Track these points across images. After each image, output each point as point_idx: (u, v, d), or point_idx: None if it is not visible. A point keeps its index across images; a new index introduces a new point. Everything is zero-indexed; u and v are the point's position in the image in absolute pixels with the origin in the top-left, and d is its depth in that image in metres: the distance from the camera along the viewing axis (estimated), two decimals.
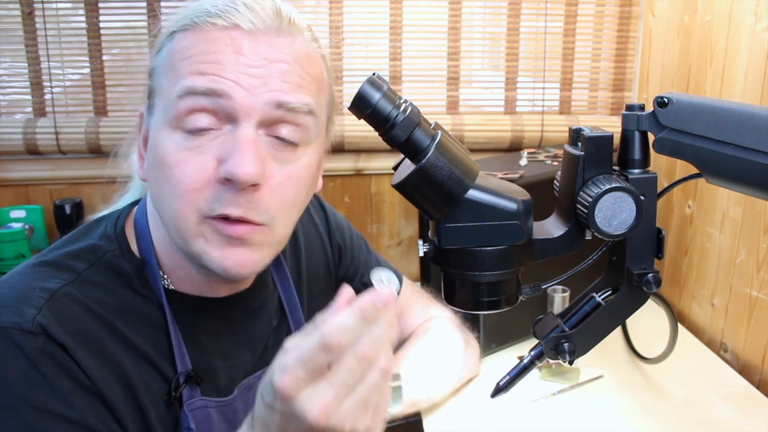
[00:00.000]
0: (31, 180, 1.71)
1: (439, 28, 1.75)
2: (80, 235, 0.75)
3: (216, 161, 0.63)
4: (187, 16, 0.66)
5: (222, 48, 0.63)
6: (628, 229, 0.56)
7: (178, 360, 0.71)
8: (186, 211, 0.64)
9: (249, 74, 0.63)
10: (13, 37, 1.66)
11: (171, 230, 0.67)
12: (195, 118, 0.63)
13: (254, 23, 0.64)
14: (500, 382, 0.65)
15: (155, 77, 0.68)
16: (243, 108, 0.62)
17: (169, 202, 0.65)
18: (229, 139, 0.63)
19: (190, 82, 0.63)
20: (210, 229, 0.65)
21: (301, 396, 0.49)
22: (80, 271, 0.69)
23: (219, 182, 0.63)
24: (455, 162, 0.56)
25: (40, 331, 0.61)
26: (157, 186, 0.66)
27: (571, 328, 0.62)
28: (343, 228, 1.00)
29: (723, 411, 1.11)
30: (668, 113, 0.56)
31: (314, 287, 0.92)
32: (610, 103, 1.83)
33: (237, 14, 0.63)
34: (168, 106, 0.64)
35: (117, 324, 0.68)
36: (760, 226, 1.23)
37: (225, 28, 0.63)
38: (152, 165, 0.67)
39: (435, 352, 1.02)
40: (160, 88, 0.66)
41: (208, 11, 0.64)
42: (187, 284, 0.74)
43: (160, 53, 0.68)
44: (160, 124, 0.66)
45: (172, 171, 0.64)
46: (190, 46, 0.64)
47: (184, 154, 0.63)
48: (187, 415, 0.71)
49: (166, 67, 0.66)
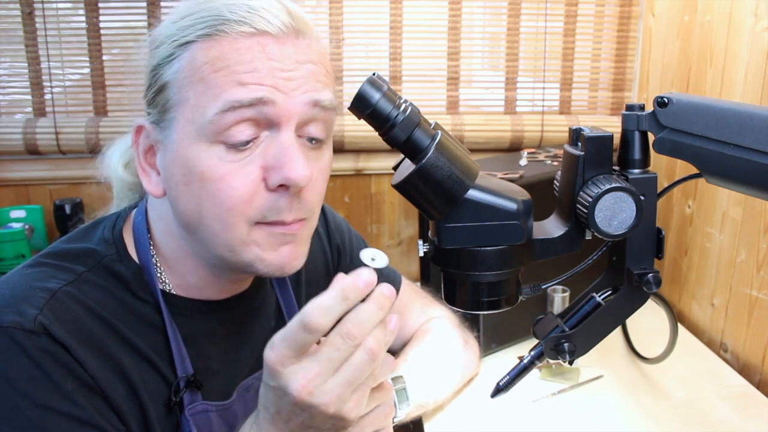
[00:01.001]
0: (31, 180, 1.71)
1: (439, 28, 1.75)
2: (78, 238, 0.74)
3: (261, 169, 0.63)
4: (204, 24, 0.63)
5: (256, 56, 0.62)
6: (628, 229, 0.56)
7: (178, 364, 0.71)
8: (236, 222, 0.64)
9: (285, 78, 0.62)
10: (13, 37, 1.66)
11: (216, 244, 0.66)
12: (239, 131, 0.62)
13: (278, 27, 0.63)
14: (500, 382, 0.65)
15: (174, 90, 0.64)
16: (285, 112, 0.63)
17: (215, 216, 0.64)
18: (273, 146, 0.63)
19: (233, 95, 0.61)
20: (263, 233, 0.66)
21: (286, 370, 0.53)
22: (80, 272, 0.69)
23: (269, 189, 0.64)
24: (455, 162, 0.56)
25: (42, 331, 0.61)
26: (193, 201, 0.65)
27: (571, 328, 0.62)
28: (342, 229, 1.00)
29: (723, 411, 1.11)
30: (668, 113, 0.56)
31: (313, 288, 0.92)
32: (610, 103, 1.83)
33: (261, 20, 0.63)
34: (204, 121, 0.62)
35: (117, 325, 0.68)
36: (760, 226, 1.23)
37: (252, 34, 0.62)
38: (184, 181, 0.65)
39: (436, 354, 1.02)
40: (186, 101, 0.63)
41: (229, 18, 0.63)
42: (188, 287, 0.74)
43: (173, 64, 0.64)
44: (192, 139, 0.63)
45: (218, 186, 0.63)
46: (221, 57, 0.62)
47: (229, 167, 0.63)
48: (188, 420, 0.71)
49: (192, 80, 0.63)
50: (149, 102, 0.67)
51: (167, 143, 0.66)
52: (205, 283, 0.74)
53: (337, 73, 1.74)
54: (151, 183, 0.70)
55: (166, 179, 0.68)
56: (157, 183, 0.69)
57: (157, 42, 0.67)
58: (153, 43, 0.68)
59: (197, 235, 0.67)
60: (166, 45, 0.65)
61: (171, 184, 0.67)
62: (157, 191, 0.69)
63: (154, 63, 0.66)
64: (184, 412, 0.71)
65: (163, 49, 0.66)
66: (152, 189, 0.69)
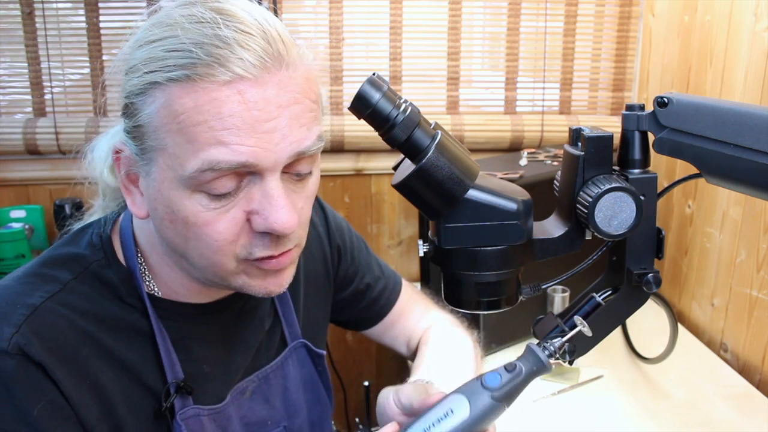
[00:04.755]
0: (31, 180, 1.71)
1: (439, 28, 1.75)
2: (66, 244, 0.73)
3: (245, 213, 0.62)
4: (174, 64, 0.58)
5: (235, 109, 0.57)
6: (628, 229, 0.56)
7: (168, 369, 0.71)
8: (223, 260, 0.64)
9: (266, 130, 0.59)
10: (13, 37, 1.66)
11: (204, 272, 0.66)
12: (220, 184, 0.60)
13: (256, 67, 0.58)
14: None
15: (150, 132, 0.61)
16: (269, 166, 0.60)
17: (200, 255, 0.64)
18: (257, 192, 0.61)
19: (212, 156, 0.58)
20: (251, 267, 0.65)
21: None
22: (65, 281, 0.68)
23: (255, 231, 0.63)
24: (455, 162, 0.55)
25: (17, 352, 0.60)
26: (179, 238, 0.64)
27: (571, 328, 0.62)
28: (342, 228, 0.99)
29: (723, 411, 1.11)
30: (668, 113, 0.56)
31: (312, 287, 0.92)
32: (610, 103, 1.83)
33: (236, 61, 0.57)
34: (184, 173, 0.60)
35: (101, 337, 0.67)
36: (760, 226, 1.23)
37: (228, 82, 0.57)
38: (169, 219, 0.63)
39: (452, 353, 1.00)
40: (165, 148, 0.60)
41: (201, 59, 0.57)
42: (176, 291, 0.73)
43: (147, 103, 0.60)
44: (173, 184, 0.61)
45: (203, 230, 0.62)
46: (197, 108, 0.57)
47: (212, 213, 0.61)
48: (180, 425, 0.70)
49: (170, 128, 0.59)
50: (127, 131, 0.64)
51: (149, 177, 0.64)
52: (193, 290, 0.74)
53: (337, 73, 1.74)
54: (135, 204, 0.67)
55: (150, 208, 0.66)
56: (140, 204, 0.67)
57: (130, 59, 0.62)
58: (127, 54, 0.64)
59: (185, 260, 0.67)
60: (137, 74, 0.61)
61: (155, 216, 0.65)
62: (140, 213, 0.67)
63: (127, 89, 0.62)
64: (175, 417, 0.71)
65: (135, 77, 0.61)
66: (136, 210, 0.67)
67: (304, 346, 0.87)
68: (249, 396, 0.80)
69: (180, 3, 0.62)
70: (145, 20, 0.65)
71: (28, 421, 0.60)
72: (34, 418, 0.60)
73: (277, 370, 0.83)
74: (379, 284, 1.00)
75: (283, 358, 0.84)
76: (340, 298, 0.98)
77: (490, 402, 0.61)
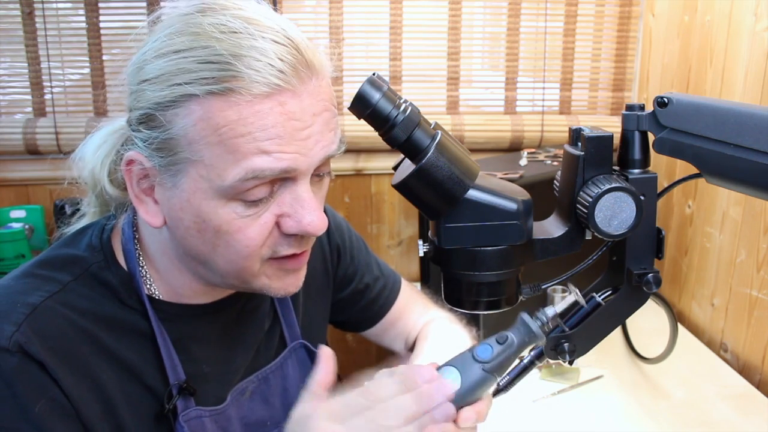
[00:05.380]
0: (31, 180, 1.71)
1: (439, 28, 1.75)
2: (65, 245, 0.73)
3: (275, 216, 0.64)
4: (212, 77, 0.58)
5: (277, 119, 0.59)
6: (628, 229, 0.56)
7: (169, 371, 0.71)
8: (251, 264, 0.66)
9: (304, 138, 0.61)
10: (13, 37, 1.66)
11: (226, 277, 0.68)
12: (258, 191, 0.62)
13: (292, 77, 0.60)
14: (500, 382, 0.65)
15: (184, 145, 0.60)
16: (303, 171, 0.63)
17: (228, 260, 0.65)
18: (288, 195, 0.64)
19: (257, 164, 0.59)
20: (273, 267, 0.67)
21: None
22: (65, 282, 0.68)
23: (282, 233, 0.65)
24: (455, 162, 0.55)
25: (17, 350, 0.61)
26: (206, 246, 0.65)
27: (571, 328, 0.62)
28: (342, 228, 0.99)
29: (723, 411, 1.11)
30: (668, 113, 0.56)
31: (311, 287, 0.92)
32: (610, 103, 1.83)
33: (277, 74, 0.59)
34: (223, 183, 0.60)
35: (101, 336, 0.67)
36: (760, 226, 1.23)
37: (270, 94, 0.58)
38: (197, 228, 0.64)
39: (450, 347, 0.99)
40: (201, 160, 0.60)
41: (240, 72, 0.57)
42: (179, 293, 0.73)
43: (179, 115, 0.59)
44: (207, 195, 0.62)
45: (235, 237, 0.63)
46: (240, 121, 0.58)
47: (245, 221, 0.63)
48: (182, 427, 0.70)
49: (209, 141, 0.59)
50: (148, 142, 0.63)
51: (173, 188, 0.63)
52: (198, 291, 0.74)
53: (337, 73, 1.74)
54: (148, 213, 0.67)
55: (170, 218, 0.66)
56: (155, 213, 0.66)
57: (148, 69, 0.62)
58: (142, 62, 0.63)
59: (206, 267, 0.68)
60: (163, 85, 0.60)
61: (178, 225, 0.65)
62: (155, 222, 0.67)
63: (151, 100, 0.61)
64: (178, 419, 0.71)
65: (160, 89, 0.60)
66: (150, 219, 0.67)
67: (304, 347, 0.87)
68: (249, 396, 0.80)
69: (197, 9, 0.62)
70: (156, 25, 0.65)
71: (29, 418, 0.60)
72: (35, 416, 0.60)
73: (277, 370, 0.83)
74: (379, 284, 1.00)
75: (282, 359, 0.84)
76: (340, 297, 0.98)
77: (482, 374, 0.61)
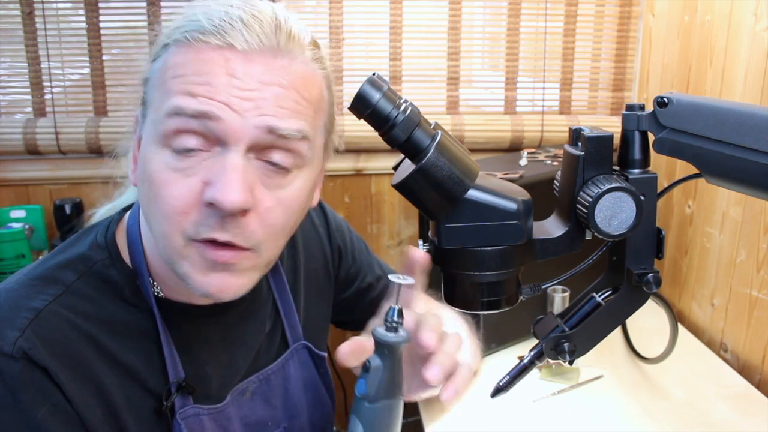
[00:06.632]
0: (31, 180, 1.71)
1: (439, 28, 1.75)
2: (71, 244, 0.73)
3: (203, 184, 0.61)
4: (181, 30, 0.63)
5: (215, 69, 0.60)
6: (628, 229, 0.56)
7: (170, 369, 0.71)
8: (173, 232, 0.63)
9: (241, 97, 0.60)
10: (13, 37, 1.66)
11: (159, 248, 0.66)
12: (183, 139, 0.61)
13: (250, 43, 0.60)
14: (500, 382, 0.65)
15: (148, 88, 0.66)
16: (233, 131, 0.60)
17: (156, 220, 0.64)
18: (217, 163, 0.61)
19: (179, 101, 0.60)
20: (195, 252, 0.63)
21: None
22: (69, 283, 0.68)
23: (205, 206, 0.61)
24: (455, 162, 0.56)
25: (21, 356, 0.61)
26: (146, 201, 0.65)
27: (571, 328, 0.62)
28: (343, 229, 1.00)
29: (723, 411, 1.11)
30: (668, 113, 0.56)
31: (312, 288, 0.92)
32: (610, 103, 1.83)
33: (233, 32, 0.60)
34: (157, 122, 0.62)
35: (104, 340, 0.67)
36: (760, 226, 1.23)
37: (219, 47, 0.60)
38: (142, 179, 0.65)
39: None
40: (152, 102, 0.65)
41: (203, 27, 0.61)
42: (178, 292, 0.73)
43: (154, 63, 0.65)
44: (150, 138, 0.64)
45: (160, 191, 0.62)
46: (182, 64, 0.61)
47: (172, 175, 0.61)
48: (179, 424, 0.70)
49: (159, 82, 0.63)
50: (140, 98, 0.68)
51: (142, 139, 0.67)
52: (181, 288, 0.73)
53: (337, 73, 1.74)
54: (133, 174, 0.70)
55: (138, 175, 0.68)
56: (134, 174, 0.70)
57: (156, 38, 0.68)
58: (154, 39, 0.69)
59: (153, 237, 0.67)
60: (157, 44, 0.66)
61: (139, 182, 0.67)
62: (132, 179, 0.70)
63: (148, 60, 0.68)
64: (175, 416, 0.71)
65: (155, 47, 0.67)
66: (132, 180, 0.70)
67: (306, 348, 0.87)
68: (249, 396, 0.80)
69: None
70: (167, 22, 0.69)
71: (33, 425, 0.60)
72: (39, 422, 0.60)
73: (278, 371, 0.83)
74: (381, 284, 1.00)
75: (284, 360, 0.84)
76: (342, 298, 0.98)
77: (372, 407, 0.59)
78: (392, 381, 0.59)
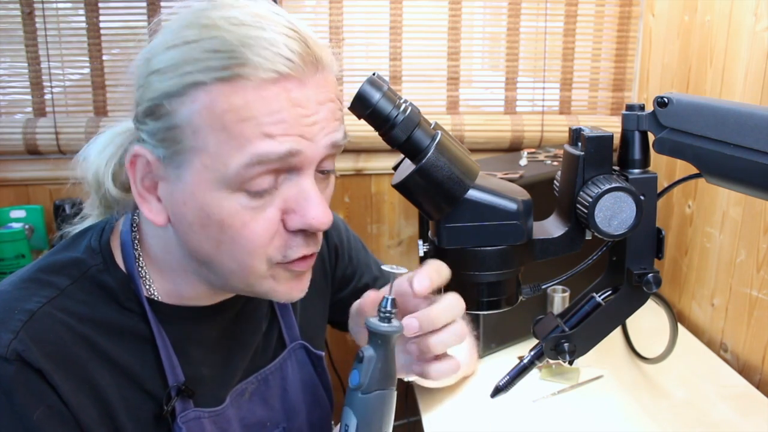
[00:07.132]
0: (31, 180, 1.71)
1: (439, 28, 1.75)
2: (64, 248, 0.73)
3: (280, 211, 0.63)
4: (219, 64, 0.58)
5: (282, 104, 0.59)
6: (628, 229, 0.56)
7: (168, 373, 0.70)
8: (255, 264, 0.64)
9: (308, 124, 0.61)
10: (13, 37, 1.66)
11: (231, 279, 0.67)
12: (262, 181, 0.61)
13: (299, 67, 0.60)
14: (500, 382, 0.65)
15: (188, 133, 0.60)
16: (308, 159, 0.62)
17: (232, 257, 0.64)
18: (292, 189, 0.63)
19: (260, 148, 0.59)
20: (281, 271, 0.66)
21: None
22: (63, 287, 0.68)
23: (288, 231, 0.64)
24: (455, 162, 0.56)
25: (15, 358, 0.60)
26: (210, 243, 0.64)
27: (571, 328, 0.62)
28: (339, 229, 1.00)
29: (723, 411, 1.11)
30: (668, 113, 0.56)
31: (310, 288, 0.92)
32: (610, 103, 1.83)
33: (284, 61, 0.59)
34: (227, 172, 0.60)
35: (100, 341, 0.67)
36: (760, 226, 1.23)
37: (276, 80, 0.59)
38: (200, 224, 0.63)
39: None
40: (204, 149, 0.60)
41: (249, 59, 0.58)
42: (181, 295, 0.73)
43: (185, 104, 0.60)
44: (211, 186, 0.61)
45: (240, 233, 0.62)
46: (246, 106, 0.58)
47: (250, 214, 0.62)
48: (180, 428, 0.70)
49: (213, 128, 0.59)
50: (152, 134, 0.63)
51: (177, 182, 0.63)
52: (201, 294, 0.74)
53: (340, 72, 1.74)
54: (152, 211, 0.66)
55: (174, 214, 0.65)
56: (158, 211, 0.66)
57: (157, 60, 0.62)
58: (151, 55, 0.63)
59: (209, 267, 0.67)
60: (171, 74, 0.60)
61: (181, 221, 0.65)
62: (159, 220, 0.66)
63: (158, 91, 0.61)
64: (176, 420, 0.70)
65: (168, 78, 0.60)
66: (153, 217, 0.66)
67: (303, 348, 0.87)
68: (248, 397, 0.80)
69: (208, 5, 0.63)
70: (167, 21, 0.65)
71: (28, 427, 0.60)
72: (34, 424, 0.60)
73: (276, 371, 0.83)
74: (378, 284, 1.00)
75: (282, 360, 0.84)
76: (339, 298, 0.98)
77: (365, 397, 0.59)
78: (385, 371, 0.60)
